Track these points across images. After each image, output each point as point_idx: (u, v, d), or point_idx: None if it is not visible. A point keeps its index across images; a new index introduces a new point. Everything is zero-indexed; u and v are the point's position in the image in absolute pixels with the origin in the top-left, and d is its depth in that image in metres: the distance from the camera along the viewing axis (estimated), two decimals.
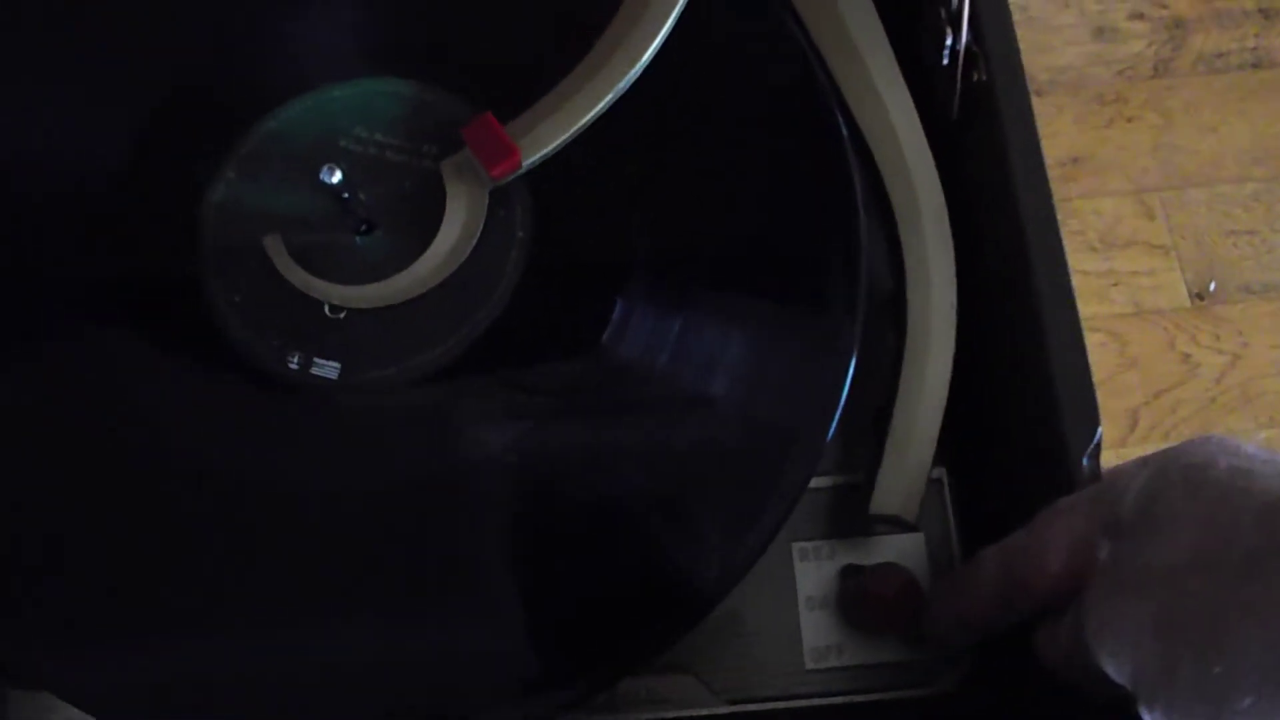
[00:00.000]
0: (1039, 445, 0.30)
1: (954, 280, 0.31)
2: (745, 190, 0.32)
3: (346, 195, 0.28)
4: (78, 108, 0.31)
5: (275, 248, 0.30)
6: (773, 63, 0.32)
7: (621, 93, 0.30)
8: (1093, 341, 0.67)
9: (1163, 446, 0.64)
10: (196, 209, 0.30)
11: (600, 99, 0.30)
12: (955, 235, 0.32)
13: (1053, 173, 0.78)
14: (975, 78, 0.31)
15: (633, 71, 0.30)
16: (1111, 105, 0.76)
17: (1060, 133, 0.75)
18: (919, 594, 0.32)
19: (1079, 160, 0.75)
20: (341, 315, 0.29)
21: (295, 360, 0.29)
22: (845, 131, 0.32)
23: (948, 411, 0.32)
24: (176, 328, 0.29)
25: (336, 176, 0.27)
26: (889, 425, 0.31)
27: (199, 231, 0.30)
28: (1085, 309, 0.70)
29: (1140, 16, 0.78)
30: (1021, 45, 0.81)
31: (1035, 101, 0.81)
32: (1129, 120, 0.76)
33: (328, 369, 0.29)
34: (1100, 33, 0.78)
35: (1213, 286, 0.70)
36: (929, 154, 0.33)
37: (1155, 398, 0.69)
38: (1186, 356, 0.69)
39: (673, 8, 0.30)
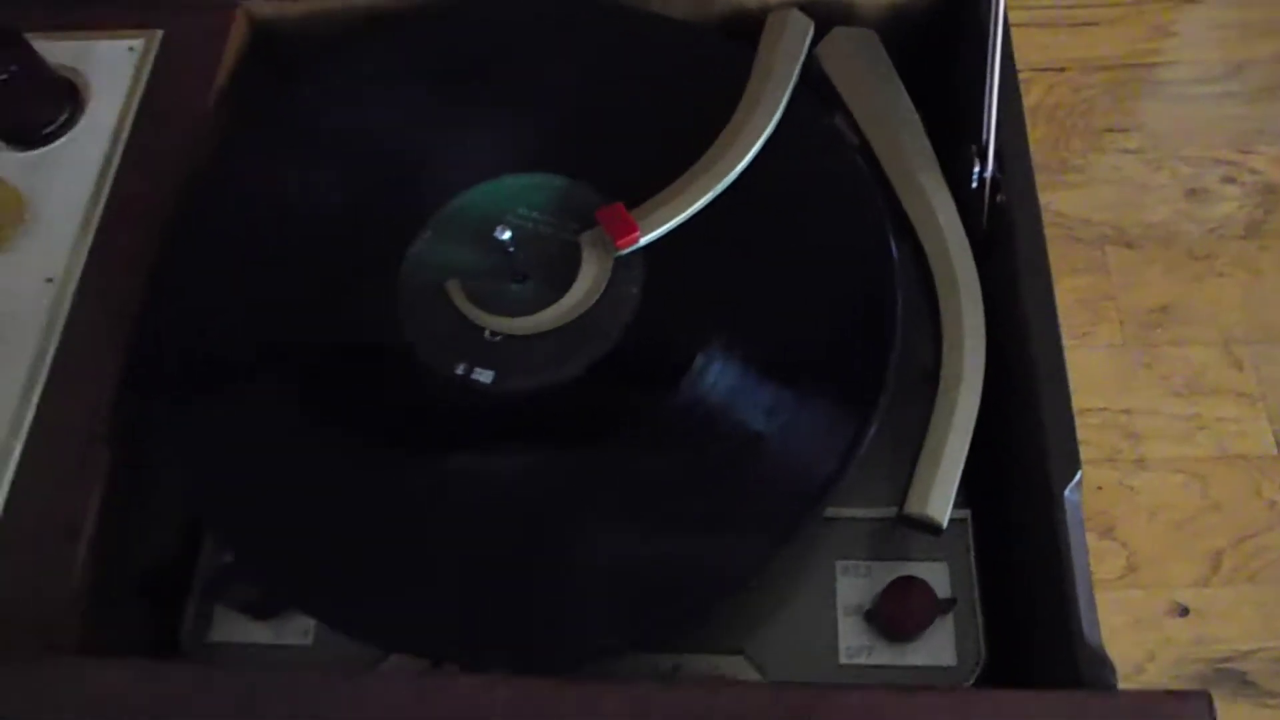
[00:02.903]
0: (1033, 484, 0.37)
1: (983, 331, 0.39)
2: (806, 276, 0.41)
3: (512, 250, 0.39)
4: (336, 181, 0.44)
5: (454, 288, 0.40)
6: (836, 180, 0.42)
7: (718, 194, 0.40)
8: (1175, 482, 0.71)
9: (1246, 589, 0.68)
10: (401, 259, 0.41)
11: (702, 197, 0.41)
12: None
13: (1142, 319, 0.83)
14: (998, 198, 0.40)
15: (728, 178, 0.41)
16: (1202, 260, 0.79)
17: (1151, 282, 0.78)
18: (934, 603, 0.38)
19: (1167, 309, 0.77)
20: (497, 339, 0.40)
21: (460, 368, 0.39)
22: (894, 245, 0.41)
23: (971, 467, 0.39)
24: (380, 343, 0.40)
25: (506, 235, 0.38)
26: (923, 444, 0.38)
27: (400, 276, 0.41)
28: (1168, 450, 0.74)
29: (1232, 181, 0.82)
30: (1113, 201, 0.87)
31: (1126, 252, 0.87)
32: (1219, 275, 0.78)
33: (484, 376, 0.39)
34: (1193, 194, 0.82)
35: None
36: (968, 250, 0.42)
37: (1240, 542, 0.69)
38: (1273, 504, 0.70)
39: (759, 136, 0.41)
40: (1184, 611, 0.67)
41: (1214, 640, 0.66)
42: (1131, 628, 0.67)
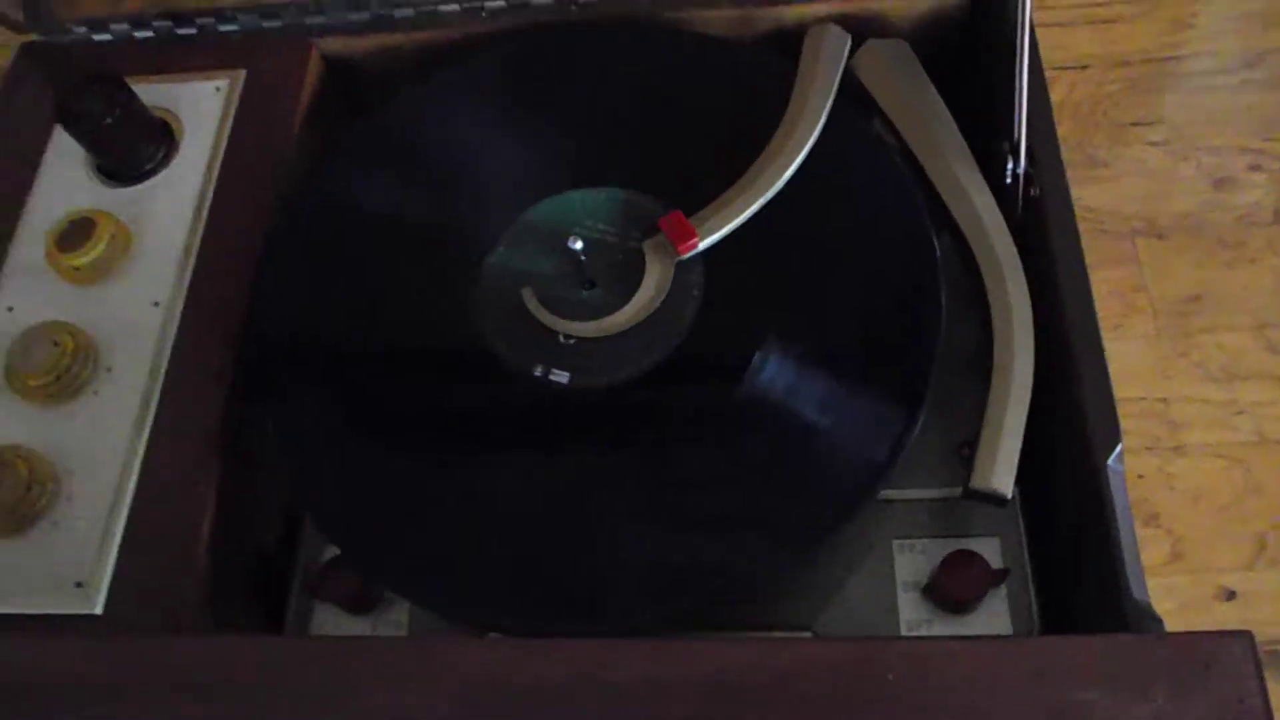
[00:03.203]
0: (1076, 458, 0.39)
1: (1030, 315, 0.42)
2: (854, 272, 0.44)
3: (583, 258, 0.42)
4: (418, 198, 0.47)
5: (529, 295, 0.44)
6: (878, 182, 0.45)
7: (769, 199, 0.44)
8: (1215, 466, 0.72)
9: None
10: (479, 268, 0.45)
11: (755, 202, 0.44)
12: None
13: (1175, 309, 0.85)
14: (1032, 192, 0.43)
15: (778, 184, 0.44)
16: (1232, 248, 0.80)
17: (1182, 272, 0.79)
18: (989, 575, 0.41)
19: (1200, 298, 0.78)
20: (571, 341, 0.43)
21: (539, 370, 0.42)
22: (935, 240, 0.43)
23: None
24: (465, 347, 0.44)
25: (579, 244, 0.42)
26: (983, 423, 0.40)
27: (480, 284, 0.45)
28: (1208, 436, 0.75)
29: (1257, 168, 0.83)
30: (1141, 193, 0.89)
31: (1156, 243, 0.89)
32: (1250, 262, 0.79)
33: (561, 376, 0.42)
34: (1219, 183, 0.82)
35: None
36: (1009, 239, 0.44)
37: None
38: None
39: (805, 144, 0.44)
40: (1230, 595, 0.67)
41: (1262, 623, 0.66)
42: (1179, 613, 0.67)
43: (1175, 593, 0.68)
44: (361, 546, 0.41)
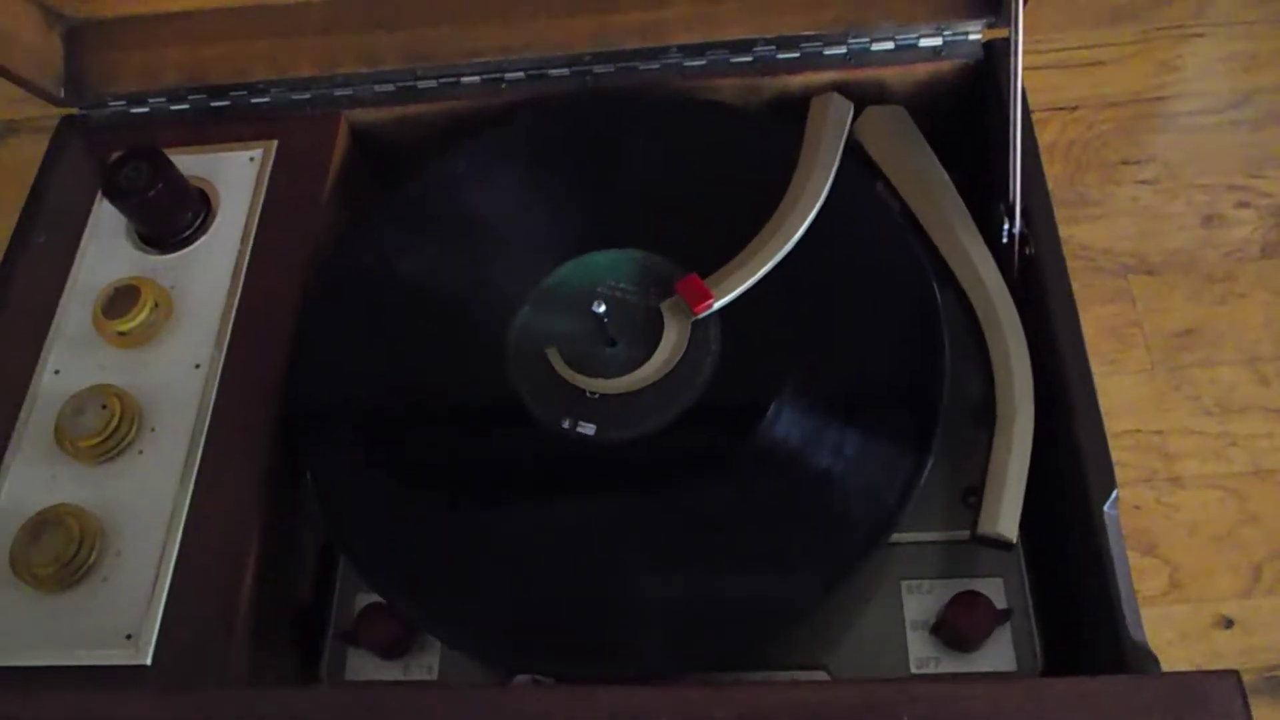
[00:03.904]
0: (1074, 503, 0.41)
1: (1030, 369, 0.44)
2: (862, 330, 0.46)
3: (606, 320, 0.45)
4: (446, 261, 0.51)
5: (554, 355, 0.46)
6: (883, 243, 0.48)
7: (778, 262, 0.46)
8: (1210, 498, 0.74)
9: None
10: (507, 329, 0.48)
11: (767, 263, 0.46)
12: None
13: (1169, 343, 0.86)
14: (1027, 251, 0.45)
15: (788, 246, 0.46)
16: (1222, 283, 0.81)
17: (1174, 308, 0.81)
18: (994, 614, 0.43)
19: (1193, 332, 0.80)
20: (596, 397, 0.46)
21: (567, 423, 0.45)
22: (938, 297, 0.46)
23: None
24: (495, 401, 0.46)
25: (602, 308, 0.44)
26: (987, 470, 0.43)
27: (508, 343, 0.48)
28: (1203, 467, 0.77)
29: (1246, 205, 0.85)
30: (1133, 230, 0.91)
31: (1148, 280, 0.91)
32: (1240, 296, 0.80)
33: (588, 429, 0.45)
34: (1209, 220, 0.84)
35: None
36: (1008, 295, 0.47)
37: (1279, 553, 0.71)
38: None
39: (813, 207, 0.47)
40: (1229, 624, 0.68)
41: (1260, 650, 0.67)
42: (1179, 642, 0.68)
43: (1174, 622, 0.69)
44: (398, 592, 0.44)
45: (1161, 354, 0.80)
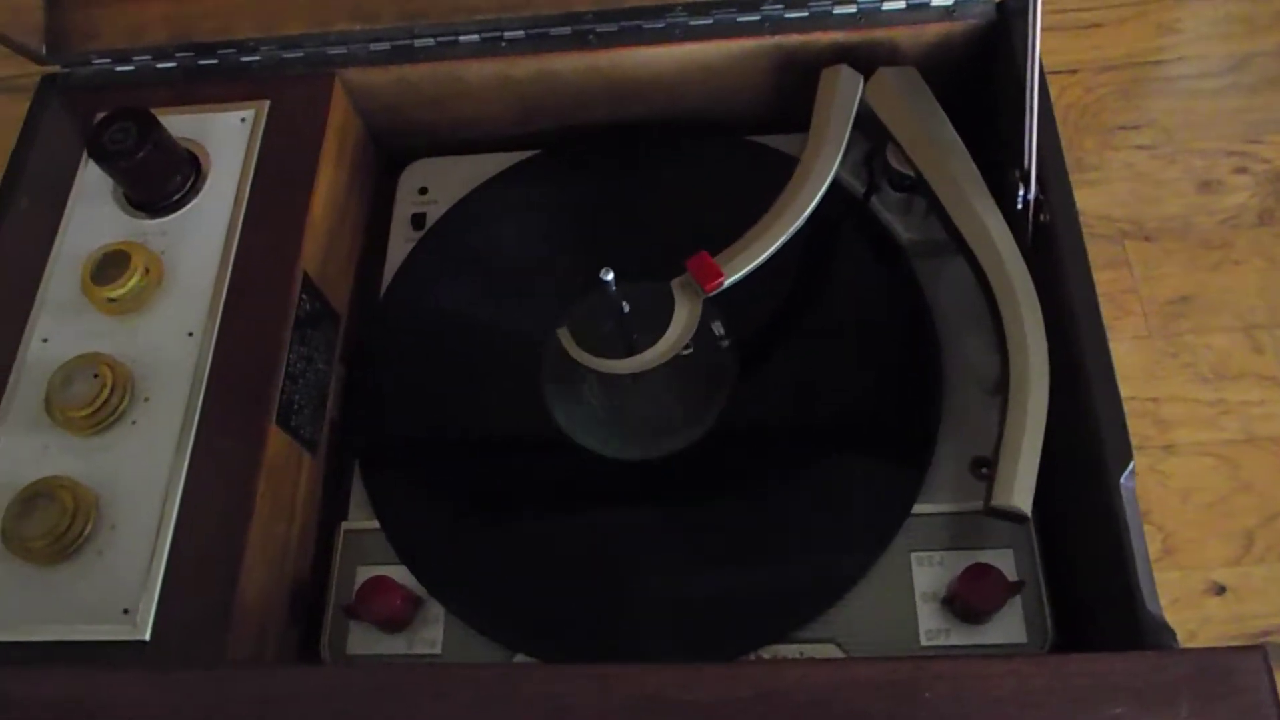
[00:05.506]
0: (1088, 474, 0.41)
1: (1044, 337, 0.44)
2: (856, 324, 0.48)
3: (613, 289, 0.44)
4: (483, 294, 0.53)
5: (564, 335, 0.46)
6: (878, 251, 0.48)
7: (784, 243, 0.46)
8: (1204, 465, 0.74)
9: (1279, 566, 0.68)
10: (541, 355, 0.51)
11: (775, 241, 0.45)
12: None
13: (1163, 310, 0.85)
14: (1041, 218, 0.44)
15: (795, 224, 0.45)
16: (1219, 249, 0.81)
17: (1170, 274, 0.80)
18: (1005, 586, 0.43)
19: (1188, 299, 0.80)
20: None
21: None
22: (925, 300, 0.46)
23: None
24: (529, 422, 0.49)
25: (610, 275, 0.43)
26: (1001, 442, 0.42)
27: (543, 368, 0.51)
28: (1197, 435, 0.77)
29: (1243, 171, 0.84)
30: (1129, 197, 0.90)
31: (1145, 246, 0.90)
32: (1236, 263, 0.80)
33: None
34: (1205, 186, 0.84)
35: None
36: (1023, 263, 0.46)
37: (1270, 520, 0.71)
38: None
39: (822, 183, 0.46)
40: (1221, 590, 0.69)
41: (1251, 616, 0.68)
42: (1171, 609, 0.66)
43: (1167, 588, 0.69)
44: (439, 582, 0.47)
45: (1158, 321, 0.79)
